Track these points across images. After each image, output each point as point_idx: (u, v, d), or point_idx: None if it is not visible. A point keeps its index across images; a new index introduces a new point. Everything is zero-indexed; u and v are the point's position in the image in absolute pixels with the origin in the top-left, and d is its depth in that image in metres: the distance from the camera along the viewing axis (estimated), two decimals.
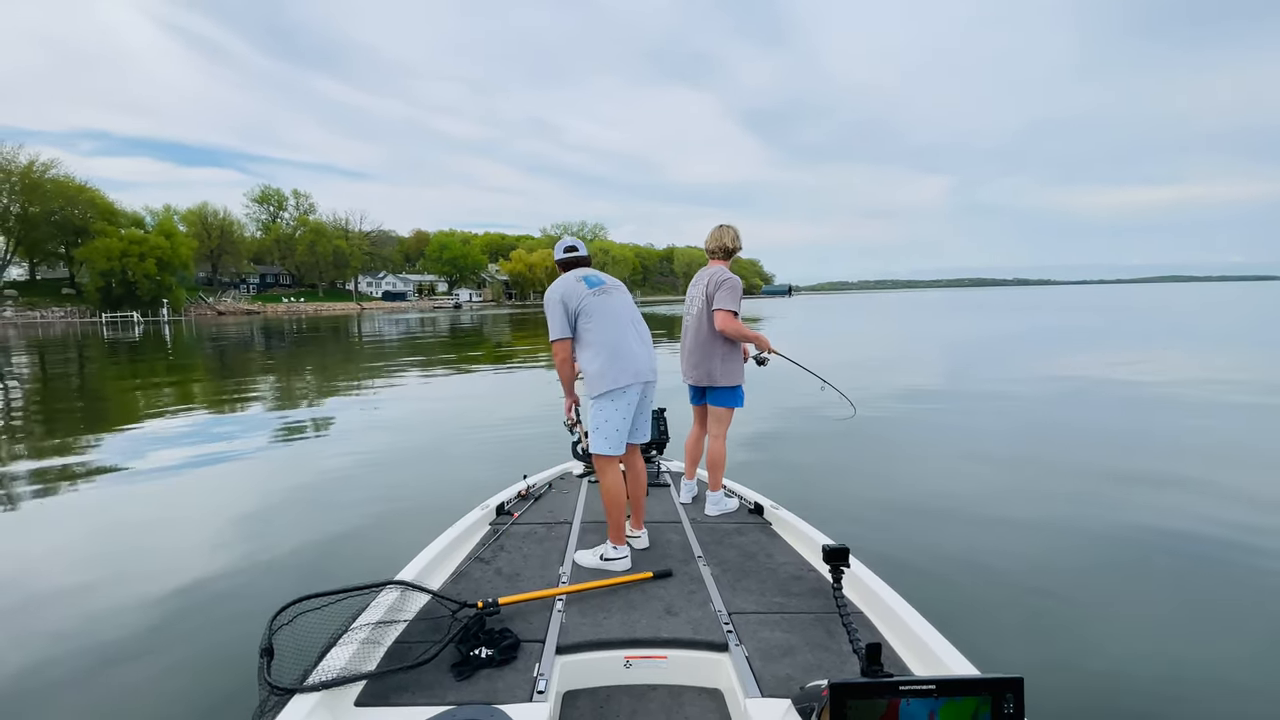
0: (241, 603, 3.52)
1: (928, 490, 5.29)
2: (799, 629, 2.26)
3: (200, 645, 3.10)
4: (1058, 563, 3.86)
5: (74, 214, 56.95)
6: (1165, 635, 3.08)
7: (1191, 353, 16.12)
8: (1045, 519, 4.58)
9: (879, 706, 1.26)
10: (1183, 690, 2.66)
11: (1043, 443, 6.91)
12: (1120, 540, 4.17)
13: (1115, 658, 2.86)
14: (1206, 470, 5.69)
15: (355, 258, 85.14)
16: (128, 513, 5.23)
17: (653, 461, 4.39)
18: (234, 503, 5.33)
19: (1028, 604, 3.39)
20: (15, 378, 15.65)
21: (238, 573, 3.93)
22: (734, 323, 3.38)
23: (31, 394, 12.87)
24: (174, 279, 59.48)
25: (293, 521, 4.86)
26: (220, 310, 65.15)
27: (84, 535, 4.71)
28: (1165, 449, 6.58)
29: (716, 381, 3.49)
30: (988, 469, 5.99)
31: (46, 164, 56.19)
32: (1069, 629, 3.13)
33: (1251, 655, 2.90)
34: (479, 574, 2.75)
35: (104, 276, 53.88)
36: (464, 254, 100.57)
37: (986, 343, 20.70)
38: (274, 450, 7.39)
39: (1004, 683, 1.26)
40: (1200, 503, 4.84)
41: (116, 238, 54.95)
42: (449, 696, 1.89)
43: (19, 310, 51.88)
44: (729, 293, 3.37)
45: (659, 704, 2.03)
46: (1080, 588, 3.55)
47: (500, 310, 71.17)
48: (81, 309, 55.02)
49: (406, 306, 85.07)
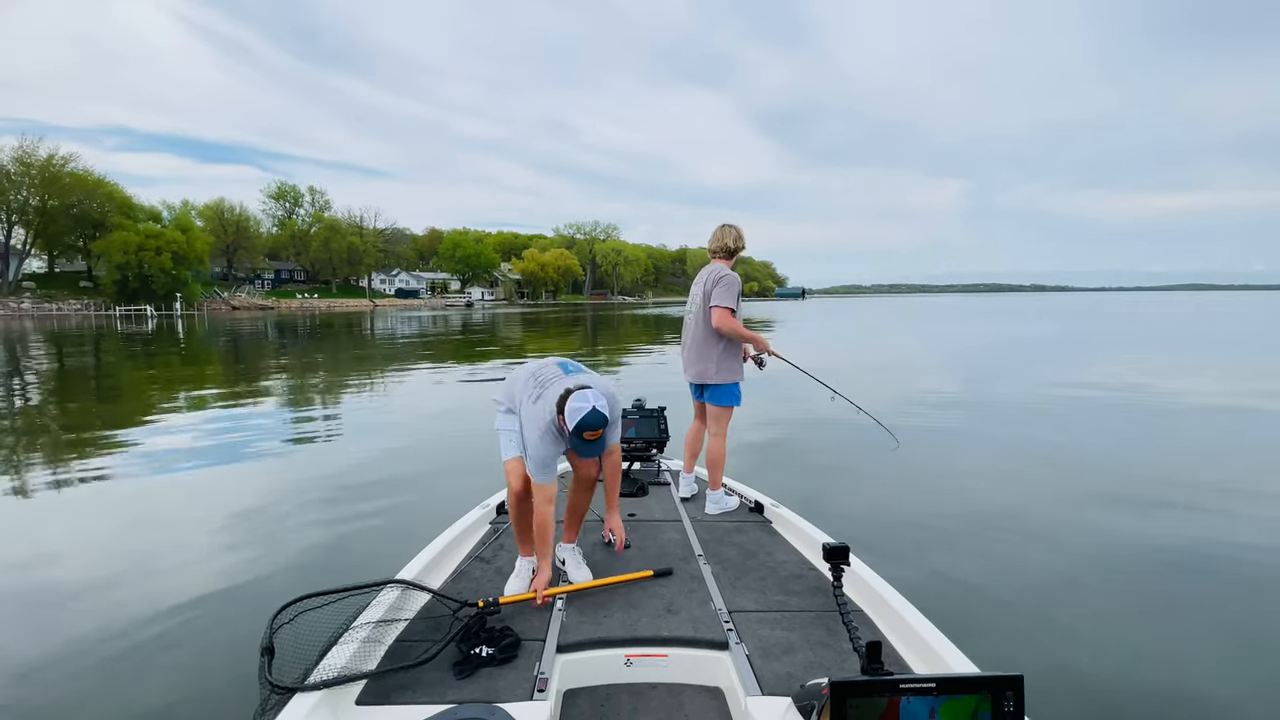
0: (239, 601, 3.48)
1: (928, 491, 5.31)
2: (799, 627, 2.26)
3: (197, 645, 3.06)
4: (1058, 562, 3.88)
5: (92, 208, 57.55)
6: (1166, 635, 3.08)
7: (1180, 358, 16.27)
8: (1045, 520, 4.59)
9: (879, 704, 1.26)
10: (1183, 690, 2.64)
11: (1044, 446, 6.91)
12: (1122, 542, 4.18)
13: (1116, 657, 2.87)
14: (1211, 476, 5.74)
15: (369, 255, 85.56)
16: (119, 510, 5.10)
17: (653, 460, 4.33)
18: (233, 500, 5.24)
19: (1028, 602, 3.39)
20: (25, 369, 15.55)
21: (236, 571, 3.88)
22: (730, 320, 3.41)
23: (33, 386, 12.74)
24: (189, 273, 59.92)
25: (294, 518, 4.82)
26: (234, 305, 65.56)
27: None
28: (1170, 456, 6.63)
29: (712, 379, 3.52)
30: (989, 471, 6.01)
31: (65, 158, 56.90)
32: (1069, 627, 3.13)
33: (1251, 658, 2.89)
34: (479, 573, 2.74)
35: (120, 270, 54.38)
36: (477, 253, 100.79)
37: (998, 347, 20.77)
38: (278, 446, 7.28)
39: (1004, 681, 1.26)
40: (1202, 507, 4.86)
41: (133, 231, 55.41)
42: (450, 695, 1.87)
43: (36, 302, 52.41)
44: (725, 290, 3.40)
45: (659, 702, 2.03)
46: (1081, 587, 3.56)
47: (512, 309, 71.24)
48: (98, 302, 55.52)
49: (419, 304, 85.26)
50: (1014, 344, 22.08)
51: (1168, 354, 17.79)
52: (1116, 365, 14.64)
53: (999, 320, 39.90)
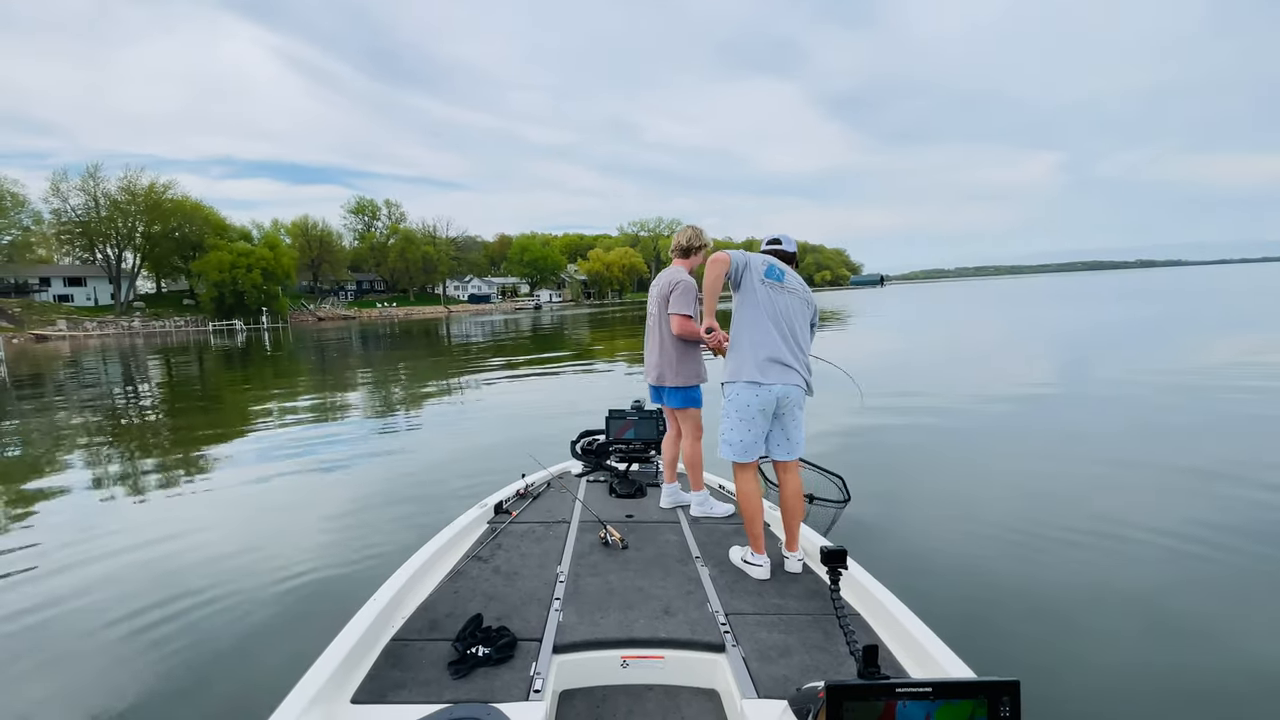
0: (248, 603, 3.66)
1: (928, 491, 5.29)
2: (796, 630, 2.24)
3: (198, 642, 3.25)
4: (1056, 567, 3.79)
5: (191, 230, 61.59)
6: (1163, 641, 3.00)
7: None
8: (1045, 521, 4.47)
9: (875, 708, 1.26)
10: (1180, 697, 2.59)
11: (1045, 447, 6.62)
12: (1119, 545, 4.06)
13: (1113, 663, 2.82)
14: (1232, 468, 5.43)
15: (443, 263, 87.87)
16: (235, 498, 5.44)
17: (651, 461, 4.33)
18: (284, 503, 5.66)
19: (1025, 607, 3.33)
20: (113, 386, 16.14)
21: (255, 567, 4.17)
22: (690, 325, 3.36)
23: (118, 407, 12.96)
24: (278, 288, 63.08)
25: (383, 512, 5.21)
26: (320, 316, 68.62)
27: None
28: (1182, 446, 6.34)
29: (669, 382, 3.50)
30: (989, 472, 5.90)
31: (166, 184, 61.10)
32: (1067, 633, 3.08)
33: (1252, 661, 2.82)
34: (477, 572, 2.73)
35: (216, 287, 57.83)
36: (544, 255, 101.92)
37: (1035, 340, 18.15)
38: (359, 449, 7.53)
39: (1000, 686, 1.26)
40: (1203, 506, 4.69)
41: (227, 250, 58.84)
42: (445, 694, 1.87)
43: (144, 320, 56.52)
44: (680, 297, 3.37)
45: (655, 704, 2.02)
46: (1078, 592, 3.47)
47: (579, 310, 71.40)
48: (198, 318, 59.34)
49: (490, 309, 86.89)
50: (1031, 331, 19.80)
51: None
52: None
53: (1053, 305, 35.99)
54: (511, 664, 2.02)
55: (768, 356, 2.73)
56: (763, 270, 2.81)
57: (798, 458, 2.87)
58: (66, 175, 58.03)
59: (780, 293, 2.81)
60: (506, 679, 1.94)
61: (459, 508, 3.49)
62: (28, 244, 54.08)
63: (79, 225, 58.40)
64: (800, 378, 2.78)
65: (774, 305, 2.77)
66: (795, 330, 2.80)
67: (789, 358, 2.75)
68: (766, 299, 2.77)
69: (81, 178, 57.64)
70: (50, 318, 50.77)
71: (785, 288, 2.83)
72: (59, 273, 60.77)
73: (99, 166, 58.15)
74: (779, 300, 2.79)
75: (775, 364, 2.73)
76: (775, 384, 2.72)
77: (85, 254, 61.90)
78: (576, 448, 4.50)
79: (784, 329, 2.77)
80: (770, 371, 2.72)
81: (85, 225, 58.20)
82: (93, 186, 57.71)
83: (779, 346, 2.74)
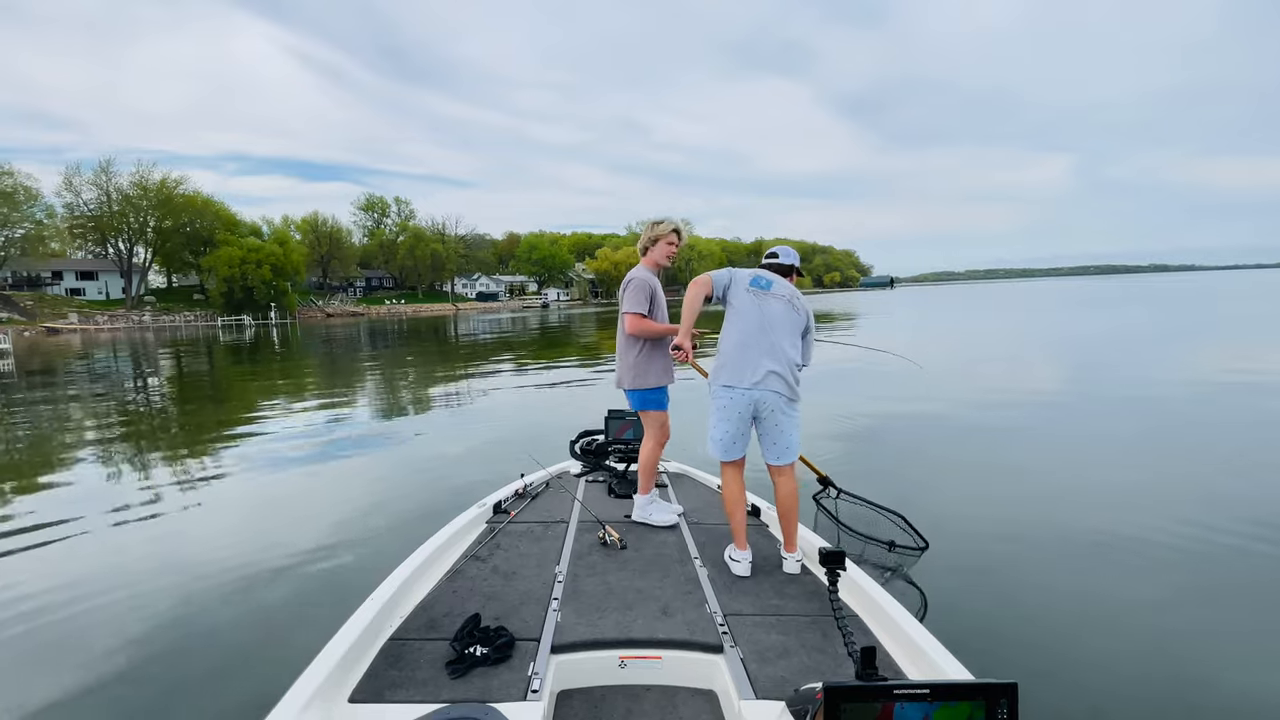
0: (239, 603, 3.63)
1: (928, 491, 5.24)
2: (794, 631, 2.24)
3: (196, 645, 3.22)
4: (1055, 569, 3.76)
5: (201, 226, 61.96)
6: (1162, 645, 2.98)
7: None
8: (1044, 523, 4.45)
9: (873, 710, 1.26)
10: (1179, 701, 2.59)
11: (1045, 447, 6.59)
12: (1117, 546, 4.04)
13: (1111, 666, 2.81)
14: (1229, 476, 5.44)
15: (451, 260, 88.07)
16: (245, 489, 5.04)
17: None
18: (274, 499, 5.65)
19: (1023, 610, 3.31)
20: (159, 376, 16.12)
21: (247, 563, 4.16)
22: (641, 323, 3.33)
23: (127, 400, 13.01)
24: (287, 284, 63.40)
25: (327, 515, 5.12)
26: (329, 313, 68.94)
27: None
28: (1179, 453, 6.26)
29: (626, 385, 3.44)
30: (988, 473, 5.83)
31: (177, 180, 61.53)
32: (1064, 636, 3.05)
33: (1251, 662, 2.83)
34: (475, 572, 2.72)
35: (226, 282, 58.17)
36: (552, 254, 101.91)
37: (1047, 345, 17.92)
38: (358, 439, 7.51)
39: (998, 688, 1.27)
40: (1201, 507, 4.67)
41: (237, 246, 59.15)
42: (443, 694, 1.87)
43: (155, 315, 56.94)
44: (631, 295, 3.34)
45: (653, 705, 2.02)
46: (1077, 595, 3.44)
47: (586, 309, 71.47)
48: (207, 313, 59.72)
49: (498, 306, 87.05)
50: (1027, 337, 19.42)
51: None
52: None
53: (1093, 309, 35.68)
54: (509, 664, 2.01)
55: (744, 361, 2.80)
56: (748, 281, 2.91)
57: (790, 462, 2.89)
58: (80, 170, 58.56)
59: (765, 299, 2.86)
60: (504, 679, 1.94)
61: (458, 507, 3.47)
62: (41, 237, 54.47)
63: (91, 219, 58.85)
64: (781, 382, 2.79)
65: (758, 312, 2.83)
66: (779, 337, 2.82)
67: (768, 363, 2.78)
68: (750, 306, 2.84)
69: (94, 172, 58.29)
70: (62, 311, 51.23)
71: (771, 295, 2.88)
72: (71, 266, 61.23)
73: (111, 161, 58.74)
74: (764, 307, 2.84)
75: (751, 369, 2.79)
76: (751, 389, 2.78)
77: (97, 248, 62.36)
78: (575, 448, 4.51)
79: (766, 335, 2.81)
80: (745, 376, 2.79)
81: (97, 219, 58.67)
82: (105, 181, 58.30)
83: (756, 352, 2.79)
